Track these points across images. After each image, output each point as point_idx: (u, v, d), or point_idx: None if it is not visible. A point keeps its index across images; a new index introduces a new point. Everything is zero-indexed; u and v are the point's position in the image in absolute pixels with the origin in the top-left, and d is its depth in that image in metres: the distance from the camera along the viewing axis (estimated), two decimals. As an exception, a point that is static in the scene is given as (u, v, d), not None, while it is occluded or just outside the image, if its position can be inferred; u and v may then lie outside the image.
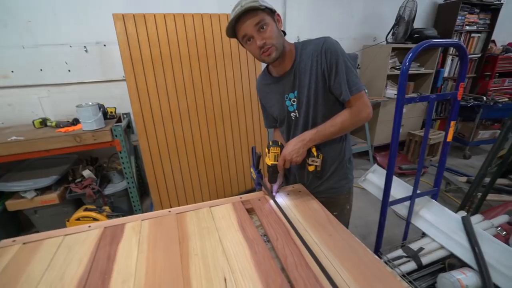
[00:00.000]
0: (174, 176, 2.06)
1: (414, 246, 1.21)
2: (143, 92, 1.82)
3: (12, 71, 1.99)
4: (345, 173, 1.07)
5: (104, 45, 2.09)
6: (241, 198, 1.06)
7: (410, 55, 0.99)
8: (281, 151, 0.96)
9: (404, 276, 1.05)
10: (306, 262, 0.71)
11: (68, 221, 1.76)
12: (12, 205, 1.80)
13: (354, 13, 2.94)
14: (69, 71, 2.09)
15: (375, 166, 1.56)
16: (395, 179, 1.45)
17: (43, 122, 1.91)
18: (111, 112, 2.03)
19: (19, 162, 2.02)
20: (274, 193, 1.06)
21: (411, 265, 1.15)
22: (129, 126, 2.29)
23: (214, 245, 0.80)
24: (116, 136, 1.84)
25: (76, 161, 2.13)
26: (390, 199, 1.28)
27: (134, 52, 1.75)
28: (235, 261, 0.73)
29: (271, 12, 0.86)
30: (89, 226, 0.93)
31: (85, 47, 2.07)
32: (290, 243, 0.79)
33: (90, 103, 1.78)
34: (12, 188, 1.78)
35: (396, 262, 1.14)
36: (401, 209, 1.36)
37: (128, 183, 1.98)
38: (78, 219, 1.76)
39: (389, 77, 3.01)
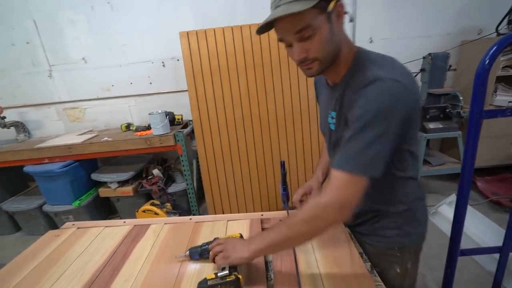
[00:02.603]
0: (228, 183, 2.13)
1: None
2: (202, 101, 1.97)
3: (113, 85, 2.48)
4: (395, 222, 0.75)
5: (178, 60, 2.38)
6: (262, 215, 0.98)
7: (494, 48, 0.71)
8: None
9: None
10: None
11: (137, 211, 2.05)
12: (102, 192, 2.23)
13: (449, 4, 2.41)
14: (150, 83, 2.46)
15: (454, 196, 1.20)
16: (480, 216, 1.08)
17: (128, 126, 2.30)
18: (178, 119, 2.28)
19: (111, 158, 2.49)
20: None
21: None
22: (193, 131, 2.51)
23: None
24: (178, 141, 2.05)
25: (150, 161, 2.47)
26: (468, 246, 0.95)
27: (195, 65, 1.91)
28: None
29: (327, 4, 0.56)
30: (124, 222, 1.04)
31: (163, 62, 2.40)
32: (292, 282, 0.67)
33: (159, 111, 2.03)
34: (102, 178, 2.21)
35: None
36: (490, 262, 0.99)
37: (187, 184, 2.16)
38: (144, 211, 2.02)
39: (500, 79, 2.32)
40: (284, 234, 0.62)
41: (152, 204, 2.05)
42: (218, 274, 0.63)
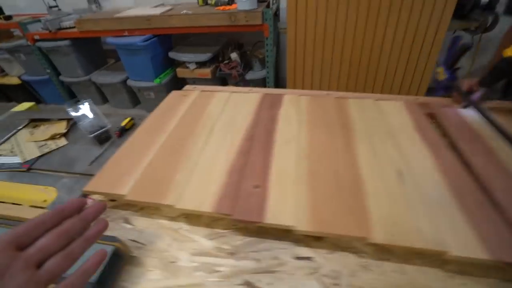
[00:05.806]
0: (313, 76, 1.94)
1: None
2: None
3: None
4: None
5: None
6: (417, 98, 0.84)
7: None
8: None
9: None
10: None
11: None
12: (180, 72, 2.20)
13: None
14: None
15: None
16: None
17: (205, 0, 2.03)
18: (263, -6, 1.93)
19: (184, 38, 2.35)
20: (474, 99, 0.77)
21: None
22: (276, 13, 2.18)
23: (382, 138, 0.67)
24: (266, 20, 1.79)
25: (225, 44, 2.29)
26: None
27: None
28: (412, 159, 0.60)
29: None
30: (250, 89, 0.98)
31: None
32: (494, 163, 0.57)
33: (248, -21, 1.70)
34: (181, 58, 2.13)
35: None
36: None
37: (268, 72, 2.03)
38: (224, 95, 2.00)
39: None
40: None
41: (232, 90, 2.01)
42: None
